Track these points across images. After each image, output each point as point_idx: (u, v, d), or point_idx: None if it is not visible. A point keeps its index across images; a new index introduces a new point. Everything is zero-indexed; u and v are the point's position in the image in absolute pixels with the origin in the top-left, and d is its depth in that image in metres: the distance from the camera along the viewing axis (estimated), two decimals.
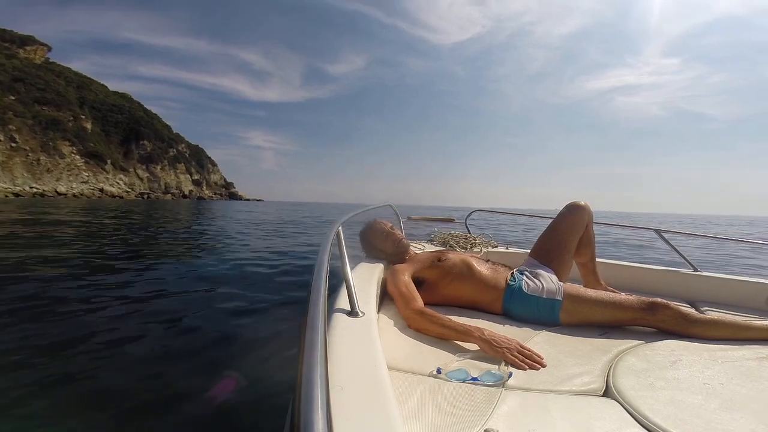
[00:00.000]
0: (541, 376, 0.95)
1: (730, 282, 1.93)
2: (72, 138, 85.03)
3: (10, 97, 76.62)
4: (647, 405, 0.80)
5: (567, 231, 1.75)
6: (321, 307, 0.62)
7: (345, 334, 0.77)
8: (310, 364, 0.46)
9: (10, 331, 2.11)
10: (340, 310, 0.89)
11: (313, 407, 0.38)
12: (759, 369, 1.02)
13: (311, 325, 0.56)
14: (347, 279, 0.94)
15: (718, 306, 1.79)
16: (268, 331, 2.31)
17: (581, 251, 1.79)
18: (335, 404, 0.49)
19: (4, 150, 65.70)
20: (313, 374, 0.44)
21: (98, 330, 2.19)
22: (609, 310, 1.34)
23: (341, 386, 0.55)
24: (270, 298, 3.03)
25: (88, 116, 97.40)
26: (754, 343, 1.22)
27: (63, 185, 72.83)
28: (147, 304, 2.82)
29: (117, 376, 1.71)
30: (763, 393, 0.89)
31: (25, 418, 1.36)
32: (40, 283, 3.25)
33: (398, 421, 0.50)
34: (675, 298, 1.80)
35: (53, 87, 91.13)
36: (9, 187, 58.48)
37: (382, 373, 0.63)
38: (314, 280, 0.73)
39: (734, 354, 1.12)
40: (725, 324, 1.29)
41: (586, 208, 1.76)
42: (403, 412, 0.72)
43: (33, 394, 1.49)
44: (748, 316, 1.61)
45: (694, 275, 2.02)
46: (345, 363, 0.64)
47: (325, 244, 0.96)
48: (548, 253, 1.74)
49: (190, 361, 1.88)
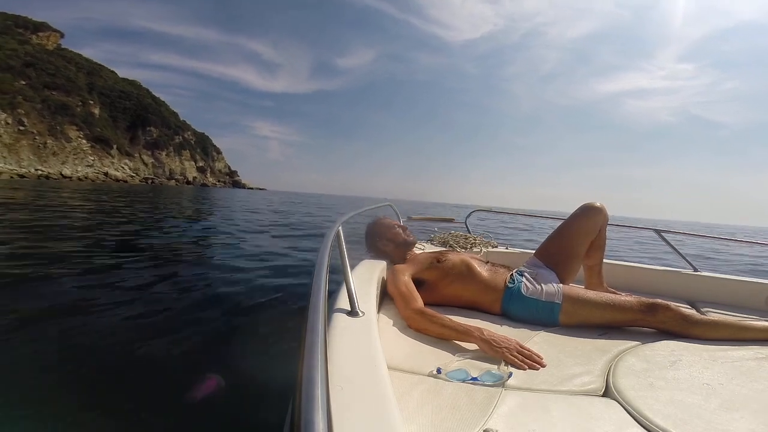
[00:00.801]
0: (541, 376, 0.95)
1: (729, 282, 1.93)
2: (80, 123, 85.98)
3: (21, 82, 77.51)
4: (647, 405, 0.80)
5: (578, 234, 1.69)
6: (321, 307, 0.62)
7: (345, 333, 0.77)
8: (310, 364, 0.46)
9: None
10: (340, 310, 0.89)
11: (313, 407, 0.38)
12: (758, 369, 1.02)
13: (311, 324, 0.56)
14: (347, 279, 0.94)
15: (717, 306, 1.80)
16: (267, 331, 2.29)
17: (590, 255, 1.75)
18: (335, 404, 0.49)
19: (12, 133, 66.41)
20: (313, 374, 0.44)
21: (86, 325, 2.14)
22: (608, 311, 1.34)
23: (341, 386, 0.55)
24: (270, 297, 2.98)
25: (97, 102, 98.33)
26: (754, 343, 1.22)
27: (68, 168, 73.56)
28: (144, 292, 2.77)
29: (108, 370, 1.69)
30: (762, 393, 0.89)
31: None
32: (33, 269, 3.13)
33: (398, 421, 0.50)
34: (675, 298, 1.80)
35: (63, 73, 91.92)
36: (15, 169, 59.09)
37: (382, 373, 0.63)
38: (314, 279, 0.73)
39: (734, 354, 1.12)
40: (725, 325, 1.29)
41: (602, 211, 1.69)
42: (403, 412, 0.72)
43: (11, 384, 1.48)
44: (747, 317, 1.62)
45: (694, 275, 2.02)
46: (345, 363, 0.64)
47: (325, 244, 0.96)
48: (554, 255, 1.71)
49: (187, 360, 1.86)
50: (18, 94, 73.56)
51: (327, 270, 0.79)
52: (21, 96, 73.90)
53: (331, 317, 0.85)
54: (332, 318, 0.84)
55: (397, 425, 0.49)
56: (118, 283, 3.09)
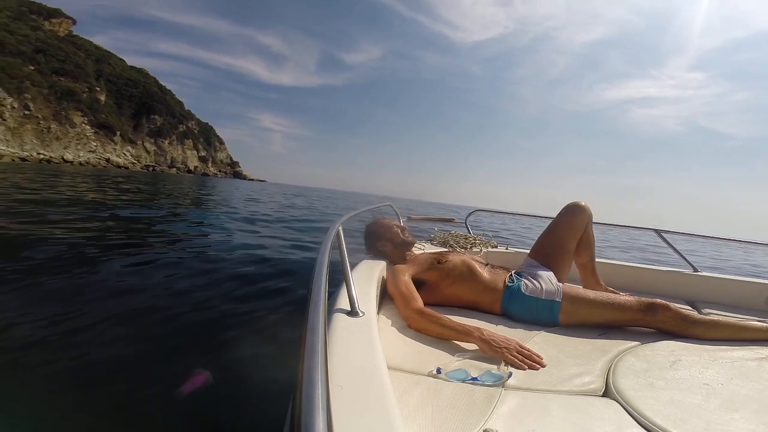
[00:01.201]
0: (541, 376, 0.96)
1: (729, 282, 1.94)
2: (85, 108, 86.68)
3: (30, 67, 78.17)
4: (647, 405, 0.81)
5: (566, 232, 1.76)
6: (321, 307, 0.62)
7: (345, 334, 0.77)
8: (310, 364, 0.46)
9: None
10: (340, 310, 0.89)
11: (313, 407, 0.38)
12: (759, 369, 1.02)
13: (311, 324, 0.56)
14: (347, 279, 0.95)
15: (717, 306, 1.80)
16: (267, 330, 2.28)
17: (580, 252, 1.80)
18: (335, 404, 0.49)
19: (17, 117, 66.82)
20: (313, 374, 0.44)
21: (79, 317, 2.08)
22: (608, 311, 1.34)
23: (341, 386, 0.55)
24: (270, 295, 2.93)
25: (103, 88, 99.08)
26: (754, 343, 1.23)
27: (70, 153, 74.12)
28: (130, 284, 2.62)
29: (102, 365, 1.68)
30: (762, 393, 0.89)
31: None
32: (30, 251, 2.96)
33: (398, 421, 0.50)
34: (675, 298, 1.81)
35: (73, 59, 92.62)
36: (17, 152, 59.56)
37: (382, 372, 0.63)
38: (314, 279, 0.73)
39: (734, 354, 1.13)
40: (725, 325, 1.30)
41: (586, 209, 1.76)
42: (403, 412, 0.72)
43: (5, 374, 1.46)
44: (747, 317, 1.62)
45: (694, 275, 2.03)
46: (345, 363, 0.64)
47: (325, 244, 0.96)
48: (547, 253, 1.75)
49: (184, 358, 1.83)
50: (26, 78, 74.12)
51: (327, 270, 0.79)
52: (29, 81, 74.47)
53: (331, 317, 0.85)
54: (332, 318, 0.84)
55: (397, 425, 0.49)
56: (104, 276, 2.97)
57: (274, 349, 2.02)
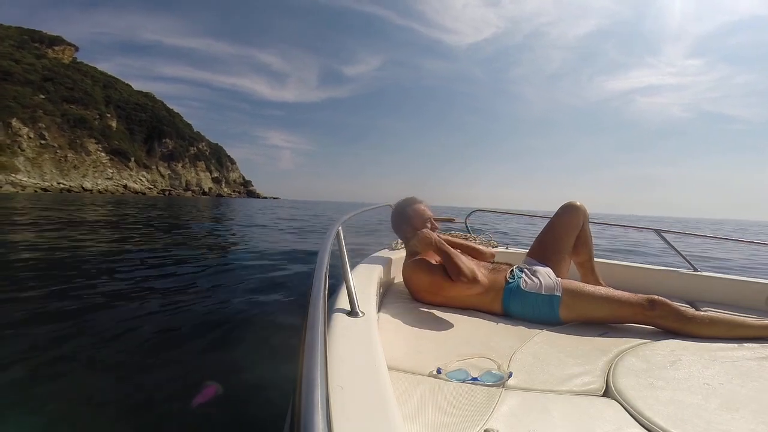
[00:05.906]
0: (541, 376, 0.96)
1: (729, 282, 1.92)
2: (98, 136, 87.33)
3: (40, 96, 78.81)
4: (647, 405, 0.80)
5: (563, 231, 1.78)
6: (321, 307, 0.62)
7: (345, 334, 0.77)
8: (310, 364, 0.46)
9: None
10: (340, 310, 0.89)
11: (313, 407, 0.38)
12: (759, 369, 1.02)
13: (311, 325, 0.56)
14: (347, 279, 0.94)
15: (717, 306, 1.79)
16: (267, 331, 2.30)
17: (578, 251, 1.82)
18: (335, 404, 0.49)
19: (35, 147, 68.12)
20: (313, 374, 0.44)
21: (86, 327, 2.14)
22: (607, 305, 1.36)
23: (341, 386, 0.55)
24: (270, 295, 3.00)
25: (113, 115, 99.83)
26: (754, 342, 1.22)
27: (89, 181, 74.98)
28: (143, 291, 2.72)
29: (108, 374, 1.70)
30: (762, 393, 0.89)
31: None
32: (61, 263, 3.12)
33: (398, 421, 0.49)
34: (675, 298, 1.80)
35: (81, 86, 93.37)
36: (38, 183, 60.53)
37: (382, 373, 0.63)
38: (314, 280, 0.73)
39: (734, 354, 1.12)
40: (722, 321, 1.30)
41: (581, 209, 1.79)
42: (403, 412, 0.72)
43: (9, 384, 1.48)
44: (747, 317, 1.61)
45: (693, 275, 2.02)
46: (345, 363, 0.64)
47: (325, 244, 0.96)
48: (545, 252, 1.77)
49: (185, 362, 1.85)
50: (38, 108, 74.88)
51: (327, 270, 0.79)
52: (41, 110, 75.22)
53: (331, 317, 0.84)
54: (332, 318, 0.84)
55: (397, 425, 0.49)
56: (113, 285, 3.10)
57: (274, 349, 2.03)
